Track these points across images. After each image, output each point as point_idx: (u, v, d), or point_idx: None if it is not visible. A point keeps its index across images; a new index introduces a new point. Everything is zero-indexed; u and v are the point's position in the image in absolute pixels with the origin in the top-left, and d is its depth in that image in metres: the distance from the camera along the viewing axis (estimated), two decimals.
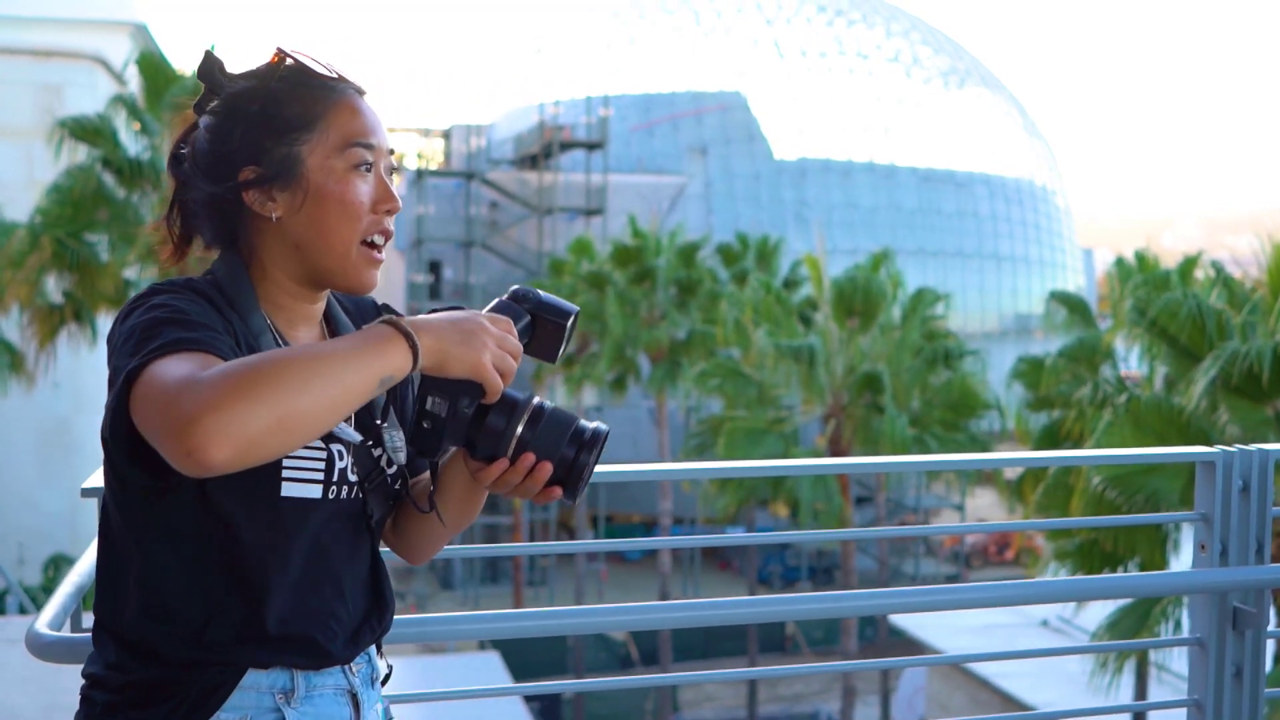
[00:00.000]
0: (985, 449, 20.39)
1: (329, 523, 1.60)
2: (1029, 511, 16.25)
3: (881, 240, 34.41)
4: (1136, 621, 12.30)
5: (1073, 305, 19.88)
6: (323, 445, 1.57)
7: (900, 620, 22.75)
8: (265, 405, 1.28)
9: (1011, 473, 18.77)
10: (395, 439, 1.64)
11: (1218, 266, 14.99)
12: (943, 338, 21.42)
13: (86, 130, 17.96)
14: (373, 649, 1.75)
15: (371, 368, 1.37)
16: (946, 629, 19.63)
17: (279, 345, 1.61)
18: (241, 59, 1.63)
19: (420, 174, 38.01)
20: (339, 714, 1.66)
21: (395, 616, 1.81)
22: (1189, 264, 18.13)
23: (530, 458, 1.54)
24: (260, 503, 1.52)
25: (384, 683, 1.80)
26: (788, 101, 43.10)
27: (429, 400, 1.51)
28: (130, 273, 19.00)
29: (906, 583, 33.83)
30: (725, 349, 23.24)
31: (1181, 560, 12.98)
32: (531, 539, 33.41)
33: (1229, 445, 2.89)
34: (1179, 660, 15.26)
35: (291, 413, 1.30)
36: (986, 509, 37.37)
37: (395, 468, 1.70)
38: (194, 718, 1.54)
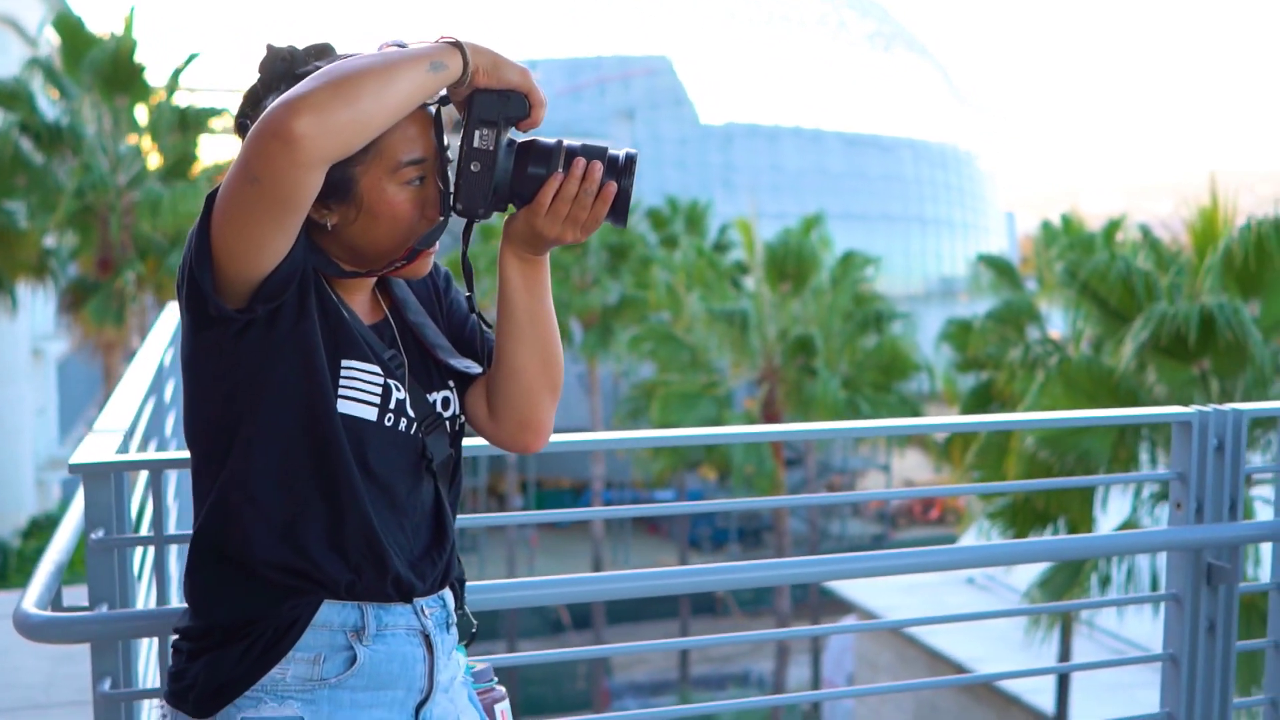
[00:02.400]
0: (915, 411, 20.61)
1: (388, 451, 1.70)
2: (959, 472, 16.48)
3: (808, 204, 34.51)
4: (1068, 579, 12.55)
5: (999, 268, 20.10)
6: (381, 375, 1.69)
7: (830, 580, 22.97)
8: (346, 96, 1.46)
9: (939, 434, 19.01)
10: (453, 400, 1.81)
11: (1145, 230, 15.26)
12: (872, 301, 21.58)
13: (2, 94, 17.51)
14: (448, 596, 1.81)
15: (428, 74, 1.55)
16: (874, 588, 19.84)
17: (340, 307, 1.72)
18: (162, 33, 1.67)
19: None
20: (411, 654, 1.72)
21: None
22: (1113, 227, 18.41)
23: (582, 161, 1.64)
24: (320, 417, 1.63)
25: (469, 641, 1.87)
26: (714, 65, 43.04)
27: (477, 136, 1.61)
28: (50, 240, 18.60)
29: (834, 543, 34.20)
30: (657, 314, 23.25)
31: (1109, 518, 13.23)
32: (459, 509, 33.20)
33: (1204, 406, 2.95)
34: (1105, 617, 15.60)
35: (367, 104, 1.48)
36: (912, 470, 37.83)
37: (451, 411, 1.81)
38: (270, 655, 1.63)
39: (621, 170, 1.65)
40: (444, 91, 1.63)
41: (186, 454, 2.27)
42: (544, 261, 1.77)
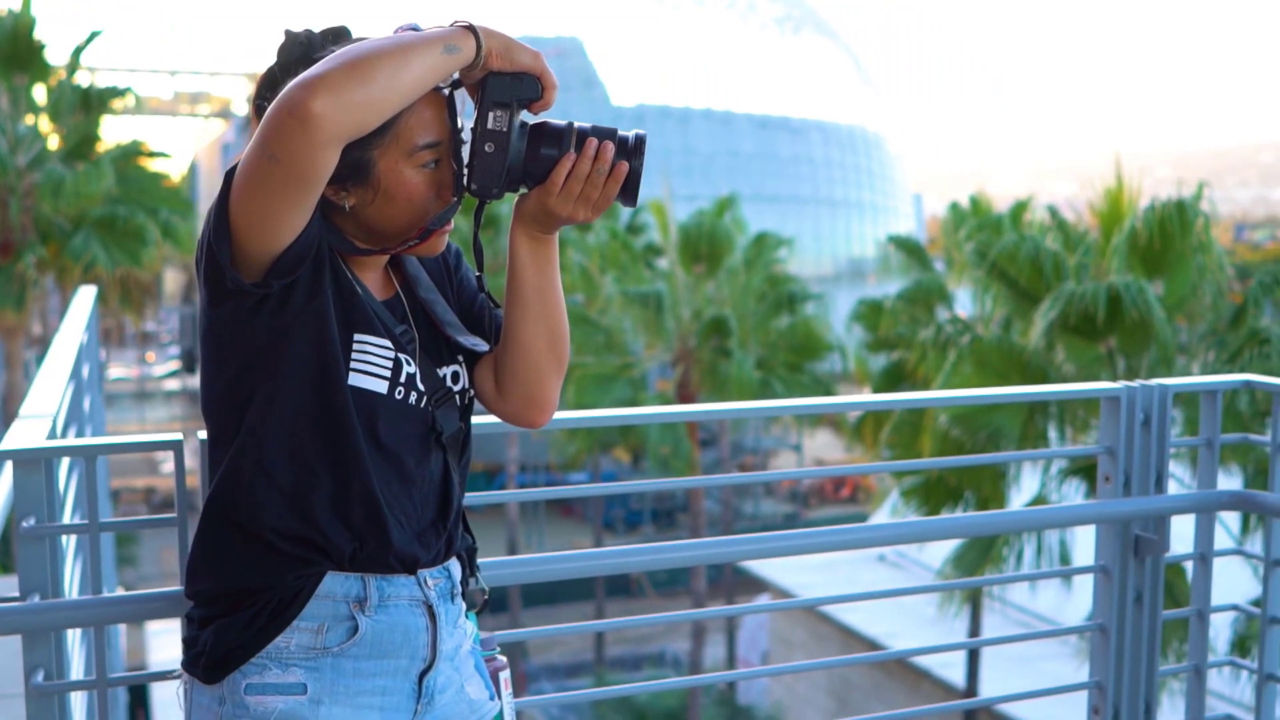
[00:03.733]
0: (828, 391, 20.79)
1: (398, 423, 1.74)
2: (872, 451, 16.68)
3: (719, 186, 34.61)
4: (980, 555, 12.77)
5: (909, 249, 20.31)
6: (392, 349, 1.73)
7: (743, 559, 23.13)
8: (361, 77, 1.50)
9: (853, 414, 19.21)
10: (462, 374, 1.86)
11: (1053, 211, 15.50)
12: (785, 282, 21.71)
13: None
14: (454, 567, 1.85)
15: (442, 56, 1.58)
16: (788, 567, 20.04)
17: (353, 283, 1.76)
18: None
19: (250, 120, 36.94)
20: (414, 625, 1.76)
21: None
22: (1019, 208, 18.68)
23: (594, 141, 1.69)
24: (330, 389, 1.68)
25: (480, 610, 1.92)
26: (625, 47, 42.99)
27: (490, 118, 1.65)
28: None
29: (747, 523, 34.45)
30: (571, 296, 23.19)
31: (1023, 490, 13.49)
32: None
33: (1131, 380, 3.01)
34: (1016, 593, 15.90)
35: (382, 85, 1.52)
36: (823, 449, 38.20)
37: (461, 385, 1.85)
38: (274, 624, 1.68)
39: (632, 150, 1.70)
40: (456, 75, 1.67)
41: (120, 438, 2.22)
42: (553, 240, 1.82)
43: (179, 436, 2.31)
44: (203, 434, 2.21)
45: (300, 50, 1.70)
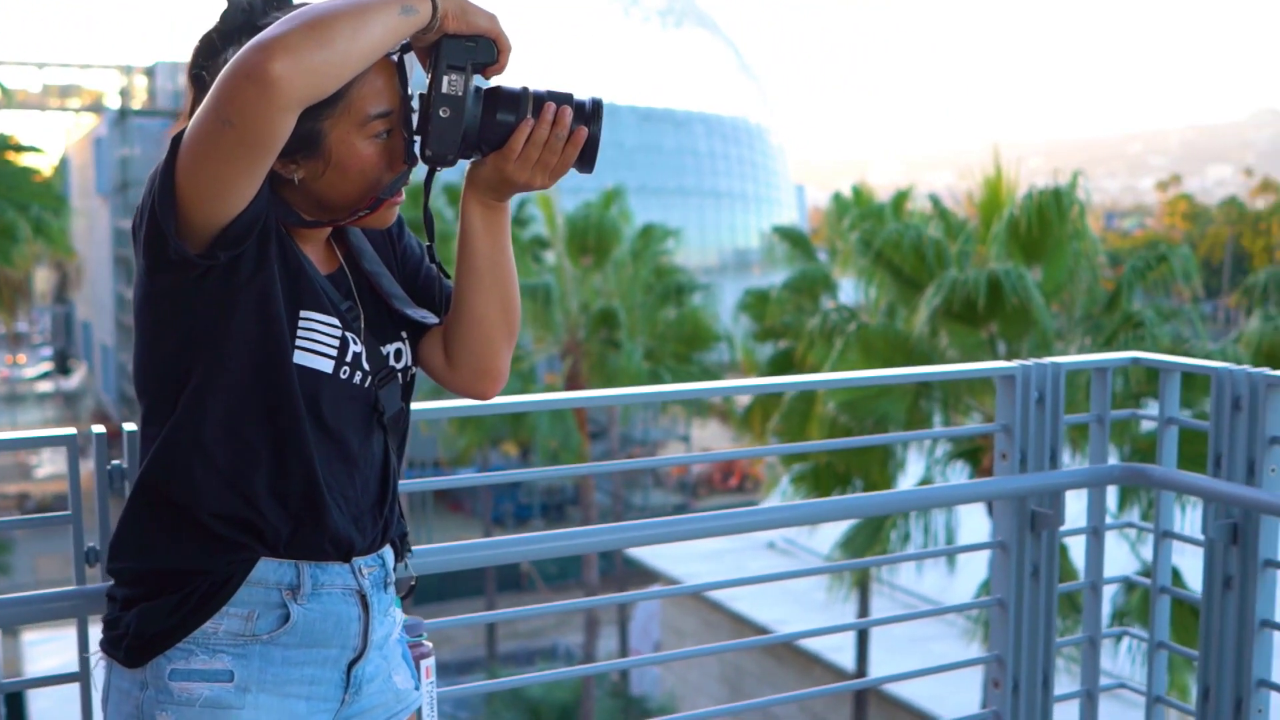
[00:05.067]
0: (717, 379, 20.92)
1: (342, 404, 1.70)
2: (761, 440, 16.83)
3: (604, 178, 34.51)
4: (868, 538, 12.96)
5: (794, 239, 20.56)
6: (339, 327, 1.69)
7: (635, 550, 23.24)
8: (320, 38, 1.46)
9: (741, 403, 19.37)
10: (405, 351, 1.82)
11: (935, 200, 15.78)
12: (673, 273, 21.81)
13: None
14: (388, 555, 1.81)
15: (400, 18, 1.54)
16: (678, 556, 20.17)
17: (300, 257, 1.71)
18: None
19: (124, 114, 35.99)
20: (347, 613, 1.72)
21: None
22: (900, 197, 18.99)
23: (552, 106, 1.66)
24: (275, 367, 1.63)
25: (408, 595, 1.87)
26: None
27: (445, 82, 1.61)
28: None
29: (637, 514, 34.57)
30: None
31: (909, 475, 13.72)
32: None
33: (1026, 360, 3.07)
34: (904, 575, 16.18)
35: (342, 46, 1.47)
36: (712, 439, 38.47)
37: (404, 363, 1.81)
38: (203, 610, 1.63)
39: (590, 115, 1.68)
40: (406, 39, 1.62)
41: (9, 434, 2.15)
42: (506, 208, 1.80)
43: (73, 431, 2.24)
44: (100, 429, 2.15)
45: (243, 16, 1.65)
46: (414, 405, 2.59)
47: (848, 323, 14.31)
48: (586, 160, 1.69)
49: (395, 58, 1.66)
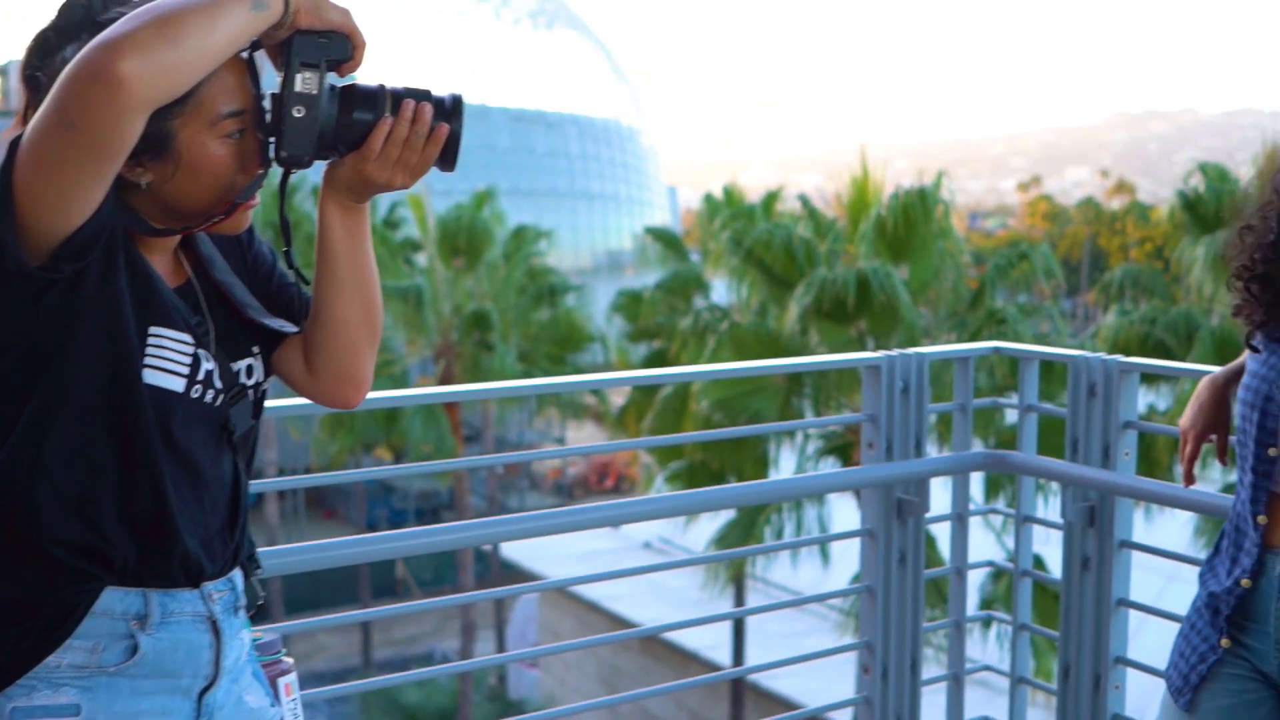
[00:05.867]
0: None
1: (191, 424, 1.62)
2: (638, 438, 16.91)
3: (476, 180, 34.42)
4: (742, 534, 13.10)
5: (666, 240, 20.71)
6: (191, 344, 1.60)
7: (511, 553, 23.18)
8: (171, 36, 1.39)
9: (616, 403, 19.43)
10: (256, 367, 1.74)
11: (804, 200, 16.02)
12: (545, 275, 21.81)
13: None
14: (238, 578, 1.74)
15: (251, 13, 1.47)
16: (553, 558, 20.17)
17: (148, 269, 1.62)
18: None
19: None
20: (197, 641, 1.64)
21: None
22: (771, 198, 19.24)
23: (411, 103, 1.61)
24: (123, 387, 1.55)
25: (255, 614, 1.79)
26: (376, 41, 42.12)
27: (299, 80, 1.54)
28: None
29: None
30: None
31: (782, 471, 13.90)
32: None
33: (892, 350, 3.13)
34: (778, 571, 16.38)
35: (194, 44, 1.41)
36: (587, 441, 38.52)
37: (255, 379, 1.74)
38: (44, 644, 1.54)
39: (450, 111, 1.63)
40: (256, 36, 1.56)
41: None
42: (366, 210, 1.72)
43: None
44: None
45: (81, 13, 1.56)
46: (287, 402, 2.55)
47: (720, 322, 14.45)
48: (448, 158, 1.65)
49: (246, 55, 1.59)
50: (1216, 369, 2.47)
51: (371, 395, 2.75)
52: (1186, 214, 15.19)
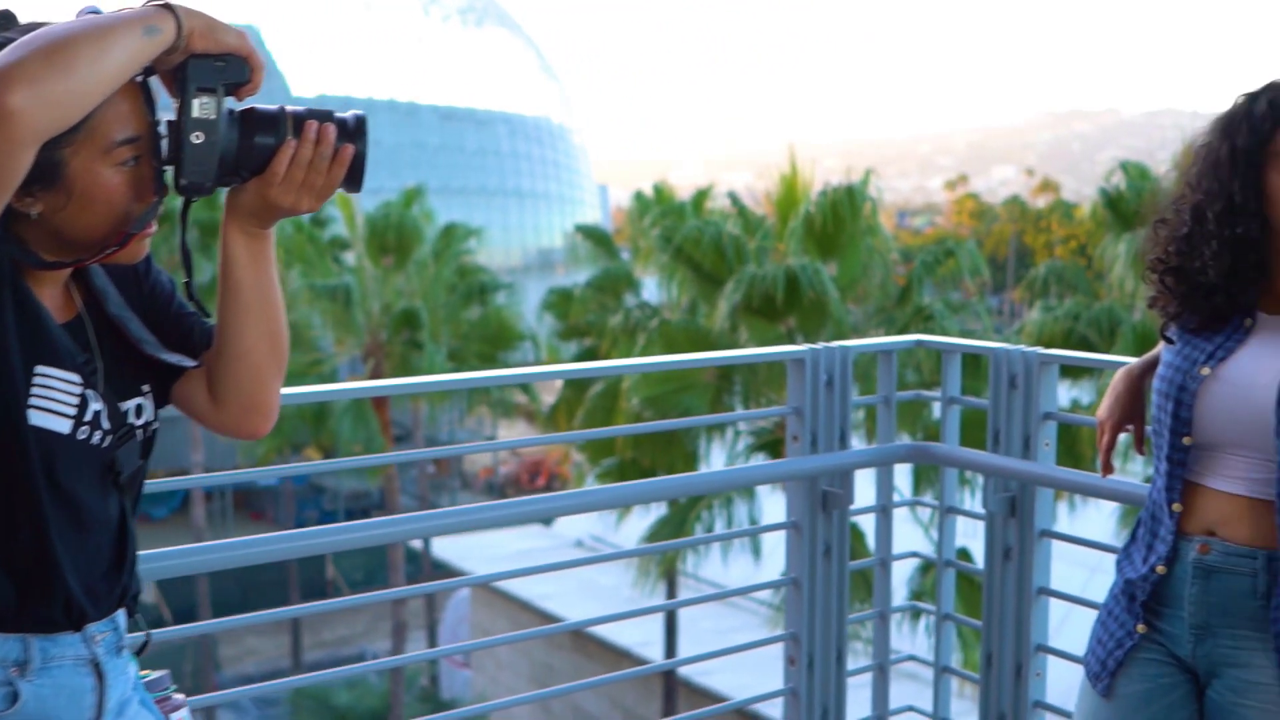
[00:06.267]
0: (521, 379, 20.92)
1: (77, 466, 1.58)
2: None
3: (405, 178, 34.21)
4: (674, 530, 13.13)
5: (597, 238, 20.71)
6: (79, 384, 1.56)
7: (442, 553, 23.09)
8: (60, 65, 1.35)
9: (547, 401, 19.41)
10: (146, 406, 1.69)
11: (734, 197, 16.09)
12: (475, 273, 21.74)
13: None
14: (121, 618, 1.69)
15: (143, 39, 1.43)
16: (485, 558, 20.12)
17: (36, 305, 1.57)
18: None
19: None
20: (80, 685, 1.61)
21: None
22: (701, 196, 19.30)
23: (314, 125, 1.56)
24: (6, 428, 1.50)
25: (140, 651, 1.74)
26: (304, 37, 41.96)
27: (196, 105, 1.50)
28: None
29: None
30: None
31: (713, 467, 13.95)
32: None
33: (816, 344, 3.15)
34: (709, 568, 16.43)
35: (84, 73, 1.36)
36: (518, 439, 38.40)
37: (144, 419, 1.69)
38: None
39: (354, 132, 1.59)
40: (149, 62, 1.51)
41: None
42: (271, 235, 1.67)
43: None
44: None
45: None
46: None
47: (650, 319, 14.48)
48: (354, 179, 1.60)
49: (139, 80, 1.54)
50: (1133, 360, 2.51)
51: (298, 390, 2.72)
52: (1108, 212, 15.44)
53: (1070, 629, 3.78)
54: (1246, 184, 2.09)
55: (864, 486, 3.29)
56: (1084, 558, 3.51)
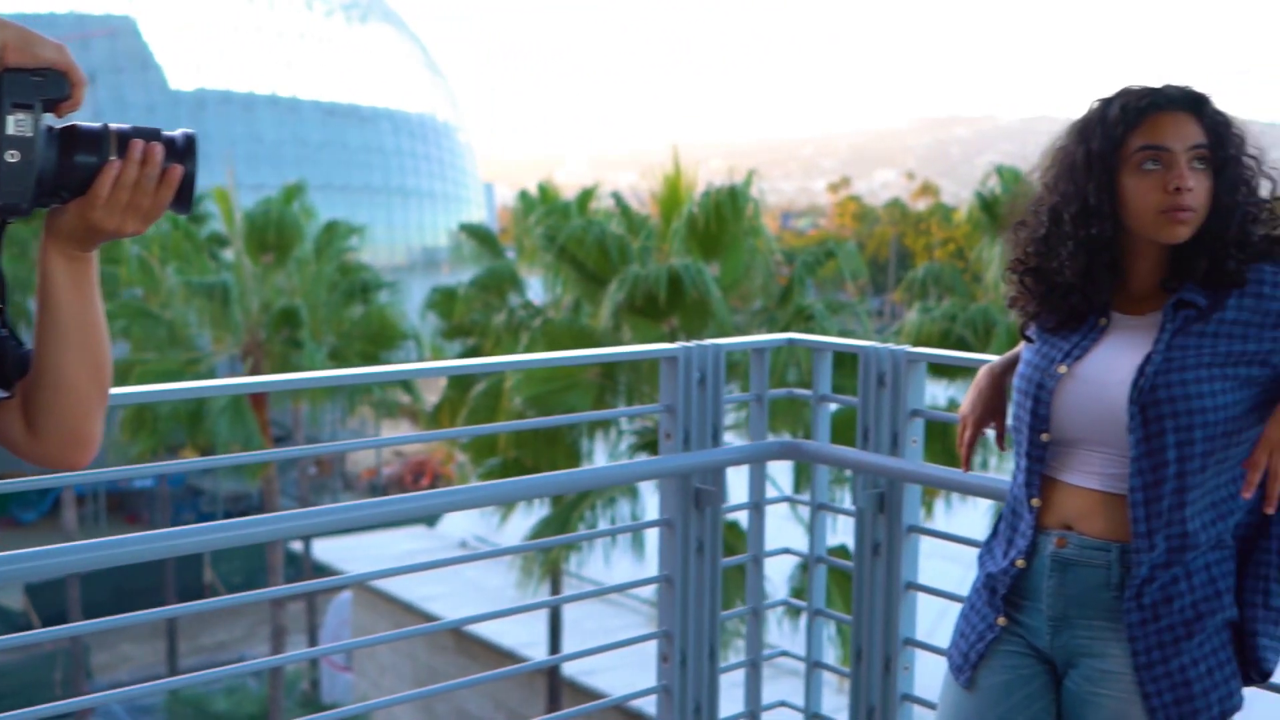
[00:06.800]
0: (403, 379, 20.74)
1: None
2: (448, 441, 16.78)
3: (287, 174, 33.70)
4: (557, 529, 13.12)
5: (481, 237, 20.59)
6: None
7: (324, 555, 22.78)
8: None
9: (430, 401, 19.25)
10: None
11: (617, 197, 16.11)
12: (358, 271, 21.50)
13: None
14: None
15: None
16: (368, 559, 19.91)
17: None
18: None
19: None
20: None
21: None
22: (585, 195, 19.30)
23: (139, 143, 1.49)
24: None
25: None
26: (183, 29, 41.07)
27: (11, 122, 1.42)
28: None
29: None
30: (129, 289, 21.96)
31: (595, 465, 13.97)
32: None
33: (689, 342, 3.16)
34: (592, 568, 16.45)
35: None
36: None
37: None
38: None
39: (183, 152, 1.53)
40: None
41: None
42: (94, 259, 1.59)
43: None
44: None
45: None
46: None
47: (533, 319, 14.45)
48: (183, 200, 1.54)
49: None
50: (995, 359, 2.55)
51: (167, 387, 2.66)
52: (984, 215, 15.77)
53: (948, 625, 3.84)
54: (1101, 187, 2.14)
55: (743, 484, 3.30)
56: (959, 554, 3.56)
